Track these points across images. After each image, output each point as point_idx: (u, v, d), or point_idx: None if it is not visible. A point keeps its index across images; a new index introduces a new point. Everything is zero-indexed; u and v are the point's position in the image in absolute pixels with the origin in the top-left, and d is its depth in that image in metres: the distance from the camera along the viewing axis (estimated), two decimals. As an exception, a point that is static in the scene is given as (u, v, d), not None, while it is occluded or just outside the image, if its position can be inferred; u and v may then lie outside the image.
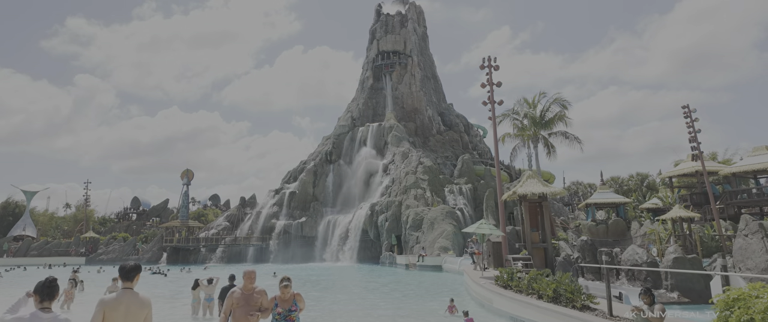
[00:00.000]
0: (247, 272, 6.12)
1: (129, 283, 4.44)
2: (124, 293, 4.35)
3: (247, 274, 6.11)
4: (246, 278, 6.07)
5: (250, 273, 6.12)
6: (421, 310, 15.22)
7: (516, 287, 12.47)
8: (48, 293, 4.00)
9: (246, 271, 6.13)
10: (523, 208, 16.36)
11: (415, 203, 50.20)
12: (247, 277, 6.08)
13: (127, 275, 4.46)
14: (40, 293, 3.99)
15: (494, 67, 22.55)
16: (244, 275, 6.09)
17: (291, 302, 6.09)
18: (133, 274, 4.49)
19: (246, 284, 6.02)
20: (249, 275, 6.09)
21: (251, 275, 6.10)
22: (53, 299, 4.04)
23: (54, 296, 4.05)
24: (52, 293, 4.03)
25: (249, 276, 6.09)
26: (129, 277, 4.46)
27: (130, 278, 4.46)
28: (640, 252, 16.80)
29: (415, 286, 23.21)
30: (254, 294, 5.96)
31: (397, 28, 78.13)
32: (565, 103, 23.95)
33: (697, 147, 33.87)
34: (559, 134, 24.65)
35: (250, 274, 6.12)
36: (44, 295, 3.99)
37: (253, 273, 6.14)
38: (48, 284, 4.04)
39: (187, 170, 63.72)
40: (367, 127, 70.11)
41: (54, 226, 78.14)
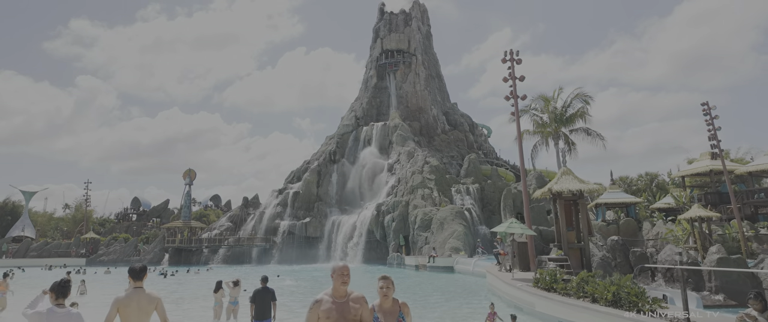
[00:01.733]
0: (339, 269, 4.25)
1: (139, 282, 5.00)
2: (135, 291, 4.89)
3: (340, 271, 4.24)
4: (338, 278, 4.23)
5: (342, 270, 4.25)
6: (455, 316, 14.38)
7: (562, 289, 11.65)
8: (62, 292, 4.63)
9: (337, 267, 4.28)
10: (558, 206, 15.59)
11: (422, 202, 49.37)
12: (339, 276, 4.23)
13: (137, 275, 5.01)
14: (55, 291, 4.61)
15: (516, 60, 21.75)
16: (335, 273, 4.27)
17: (396, 314, 4.39)
18: (142, 274, 5.04)
19: (337, 288, 4.21)
20: (341, 274, 4.24)
21: (345, 273, 4.26)
22: (66, 296, 4.67)
23: (67, 294, 4.68)
24: (65, 292, 4.66)
25: (341, 274, 4.23)
26: (139, 277, 5.01)
27: (140, 277, 5.01)
28: (679, 252, 16.02)
29: (434, 288, 22.39)
30: (350, 303, 4.18)
31: (401, 26, 77.33)
32: (587, 98, 23.21)
33: (717, 145, 33.11)
34: (580, 131, 23.88)
35: (342, 271, 4.24)
36: (59, 293, 4.62)
37: (346, 269, 4.28)
38: (62, 284, 4.68)
39: (189, 170, 62.74)
40: (371, 126, 69.27)
41: (53, 226, 77.02)
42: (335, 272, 4.28)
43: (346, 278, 4.25)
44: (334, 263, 4.40)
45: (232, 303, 12.00)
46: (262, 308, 9.34)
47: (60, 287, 4.65)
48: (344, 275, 4.25)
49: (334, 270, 4.30)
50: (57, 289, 4.63)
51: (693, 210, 32.20)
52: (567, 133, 24.41)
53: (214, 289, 12.30)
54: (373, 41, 79.65)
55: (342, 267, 4.29)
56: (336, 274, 4.26)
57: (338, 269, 4.29)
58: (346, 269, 4.30)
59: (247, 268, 50.74)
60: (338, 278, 4.23)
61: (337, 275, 4.25)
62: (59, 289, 4.64)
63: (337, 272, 4.26)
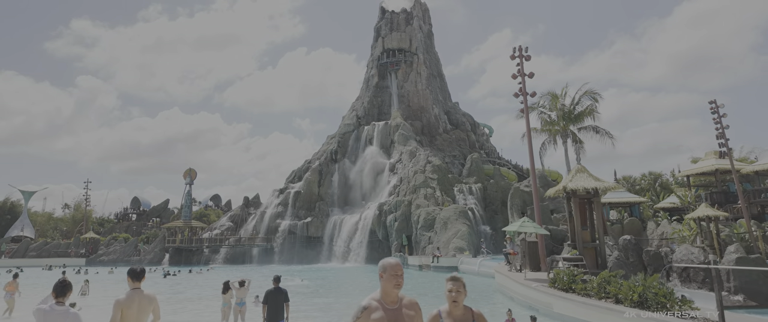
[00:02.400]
0: (391, 268, 3.46)
1: (138, 283, 5.25)
2: (135, 292, 5.13)
3: (392, 271, 3.45)
4: (390, 279, 3.44)
5: (395, 269, 3.46)
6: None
7: (582, 290, 11.29)
8: (60, 291, 4.88)
9: (388, 265, 3.47)
10: (573, 204, 15.24)
11: (425, 202, 49.02)
12: (391, 277, 3.45)
13: (137, 276, 5.27)
14: (55, 290, 4.90)
15: (526, 57, 21.39)
16: (387, 273, 3.46)
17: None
18: (142, 275, 5.30)
19: (389, 291, 3.44)
20: (395, 274, 3.46)
21: (398, 273, 3.47)
22: (65, 295, 4.90)
23: (66, 294, 4.92)
24: (64, 291, 4.91)
25: (394, 275, 3.45)
26: (139, 278, 5.26)
27: (139, 278, 5.26)
28: (695, 251, 15.70)
29: (443, 289, 22.03)
30: (404, 309, 3.45)
31: (402, 25, 76.94)
32: (596, 95, 22.82)
33: (725, 144, 32.68)
34: (589, 129, 23.50)
35: (395, 270, 3.46)
36: (58, 292, 4.88)
37: (399, 269, 3.49)
38: (61, 284, 4.94)
39: (189, 170, 62.31)
40: (372, 125, 68.90)
41: (52, 226, 76.53)
42: (387, 271, 3.45)
43: (401, 279, 3.45)
44: (384, 261, 3.54)
45: (239, 304, 11.64)
46: (274, 309, 8.98)
47: (59, 287, 4.92)
48: (398, 276, 3.44)
49: (384, 269, 3.47)
50: (57, 288, 4.91)
51: (700, 209, 31.84)
52: (575, 131, 24.02)
53: (223, 290, 11.94)
54: (375, 40, 79.24)
55: (394, 266, 3.47)
56: (387, 274, 3.43)
57: (390, 268, 3.44)
58: (400, 269, 3.48)
59: (248, 268, 50.35)
60: (390, 280, 3.41)
61: (389, 275, 3.42)
62: (59, 288, 4.90)
63: (390, 272, 3.43)
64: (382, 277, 3.48)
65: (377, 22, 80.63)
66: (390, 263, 3.51)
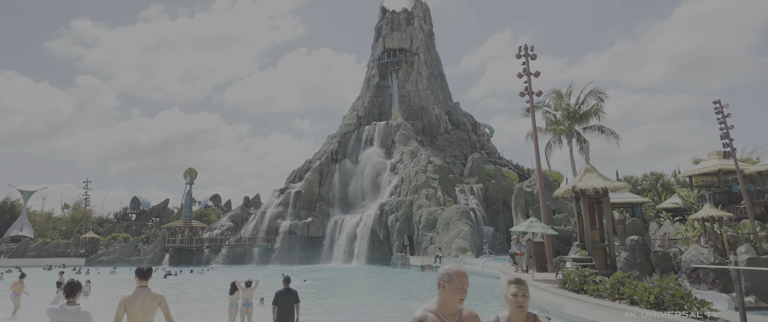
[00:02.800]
0: (456, 277, 2.94)
1: (144, 281, 5.43)
2: (140, 290, 5.34)
3: (457, 280, 2.93)
4: (454, 291, 2.93)
5: (460, 279, 2.95)
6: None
7: (594, 291, 11.13)
8: (70, 291, 5.04)
9: (452, 273, 2.96)
10: (582, 204, 15.07)
11: (427, 202, 48.85)
12: (456, 289, 2.93)
13: (144, 275, 5.47)
14: (65, 290, 5.06)
15: (531, 55, 21.23)
16: (451, 282, 2.94)
17: None
18: (148, 274, 5.52)
19: (449, 303, 2.94)
20: (460, 286, 2.94)
21: (463, 285, 2.96)
22: (75, 295, 5.04)
23: (76, 294, 5.06)
24: (74, 291, 5.05)
25: (460, 286, 2.94)
26: (145, 277, 5.46)
27: (146, 277, 5.46)
28: (705, 252, 15.55)
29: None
30: (464, 318, 3.01)
31: (403, 25, 76.78)
32: (601, 95, 22.64)
33: (729, 144, 32.57)
34: (594, 129, 23.31)
35: (460, 281, 2.95)
36: (68, 292, 5.04)
37: (464, 279, 2.99)
38: (70, 284, 5.10)
39: (190, 169, 62.09)
40: (373, 125, 68.72)
41: (51, 226, 76.23)
42: (452, 282, 2.93)
43: (465, 291, 2.94)
44: (449, 269, 3.00)
45: (245, 305, 11.45)
46: (285, 310, 8.79)
47: (68, 287, 5.07)
48: (463, 291, 2.93)
49: (449, 279, 2.95)
50: (67, 288, 5.07)
51: (705, 210, 31.68)
52: (580, 131, 23.85)
53: (230, 291, 11.74)
54: (375, 40, 79.06)
55: (461, 277, 2.96)
56: (452, 286, 2.92)
57: (455, 277, 2.93)
58: (467, 281, 2.98)
59: (249, 268, 50.14)
60: (455, 292, 2.91)
61: (455, 288, 2.91)
62: (69, 288, 5.06)
63: (455, 285, 2.92)
64: (444, 287, 2.96)
65: (378, 21, 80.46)
66: (456, 273, 2.97)
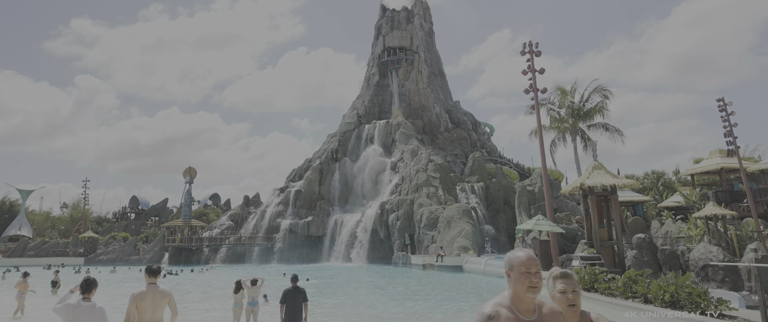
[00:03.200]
0: (524, 264, 2.49)
1: (154, 279, 5.78)
2: (150, 287, 5.66)
3: (522, 264, 2.50)
4: (519, 280, 2.47)
5: (526, 263, 2.50)
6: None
7: (605, 289, 10.95)
8: (86, 288, 5.28)
9: (517, 259, 2.54)
10: (590, 202, 14.88)
11: (428, 201, 48.67)
12: (520, 276, 2.49)
13: (153, 273, 5.83)
14: (81, 287, 5.32)
15: (536, 52, 21.04)
16: (513, 268, 2.53)
17: None
18: (158, 273, 5.88)
19: (523, 296, 2.46)
20: (526, 269, 2.49)
21: (530, 269, 2.49)
22: (91, 292, 5.28)
23: (92, 290, 5.30)
24: (89, 288, 5.30)
25: (526, 271, 2.49)
26: (155, 274, 5.81)
27: (155, 275, 5.82)
28: (714, 250, 15.39)
29: (455, 291, 21.61)
30: (545, 316, 2.51)
31: (403, 23, 76.55)
32: (606, 92, 22.42)
33: (733, 142, 32.50)
34: (598, 126, 23.14)
35: (526, 264, 2.50)
36: (84, 289, 5.29)
37: (533, 263, 2.51)
38: (86, 281, 5.36)
39: (189, 168, 61.83)
40: (373, 124, 68.51)
41: (50, 225, 75.92)
42: (514, 268, 2.49)
43: (536, 278, 2.45)
44: (512, 255, 2.57)
45: (251, 304, 11.25)
46: (293, 310, 8.60)
47: (84, 284, 5.34)
48: (531, 275, 2.44)
49: (511, 265, 2.52)
50: (83, 285, 5.35)
51: (708, 208, 31.55)
52: (585, 128, 23.67)
53: (234, 289, 11.54)
54: (375, 38, 78.83)
55: (526, 260, 2.48)
56: (516, 272, 2.47)
57: (520, 263, 2.48)
58: (536, 263, 2.49)
59: (249, 267, 49.92)
60: (521, 280, 2.44)
61: (518, 273, 2.46)
62: (85, 285, 5.33)
63: (518, 269, 2.47)
64: (511, 276, 2.52)
65: (378, 20, 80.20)
66: (519, 258, 2.51)
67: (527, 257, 2.50)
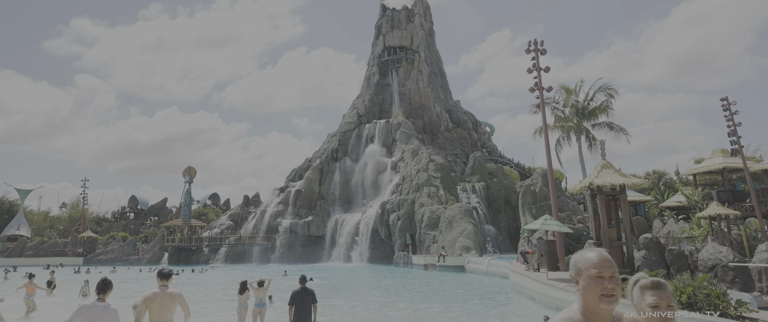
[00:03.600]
0: (593, 263, 2.07)
1: (165, 281, 6.01)
2: (161, 288, 5.90)
3: (593, 265, 2.07)
4: (590, 288, 2.06)
5: (599, 265, 2.06)
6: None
7: (617, 290, 10.76)
8: (102, 288, 5.48)
9: (585, 261, 2.11)
10: (599, 201, 14.71)
11: (429, 201, 48.48)
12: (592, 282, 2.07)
13: (165, 276, 6.09)
14: (97, 288, 5.50)
15: (541, 50, 20.86)
16: (581, 272, 2.11)
17: None
18: (169, 276, 6.12)
19: (592, 306, 2.07)
20: (598, 272, 2.05)
21: (603, 272, 2.05)
22: (106, 293, 5.48)
23: (107, 291, 5.50)
24: (105, 288, 5.50)
25: (598, 275, 2.05)
26: (166, 277, 6.07)
27: (167, 278, 6.07)
28: (724, 250, 15.24)
29: (462, 291, 21.39)
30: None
31: (403, 23, 76.33)
32: (611, 91, 22.27)
33: (737, 141, 32.34)
34: (603, 125, 22.96)
35: (599, 265, 2.06)
36: (99, 289, 5.49)
37: (606, 266, 2.07)
38: (102, 282, 5.56)
39: (189, 168, 61.54)
40: (374, 123, 68.29)
41: (49, 225, 75.56)
42: (580, 269, 2.09)
43: (612, 284, 2.02)
44: (579, 256, 2.14)
45: (258, 305, 11.03)
46: (302, 311, 8.39)
47: (100, 285, 5.56)
48: (603, 279, 2.02)
49: (578, 269, 2.10)
50: (99, 286, 5.56)
51: (712, 208, 31.41)
52: (589, 127, 23.50)
53: (239, 290, 11.33)
54: (375, 38, 78.59)
55: (598, 262, 2.06)
56: (589, 278, 2.05)
57: (593, 265, 2.06)
58: (607, 263, 2.06)
59: (249, 267, 49.70)
60: (591, 284, 2.03)
61: (593, 278, 2.04)
62: (99, 286, 5.54)
63: (593, 273, 2.04)
64: (578, 282, 2.10)
65: (378, 19, 79.96)
66: (588, 259, 2.08)
67: (599, 258, 2.06)
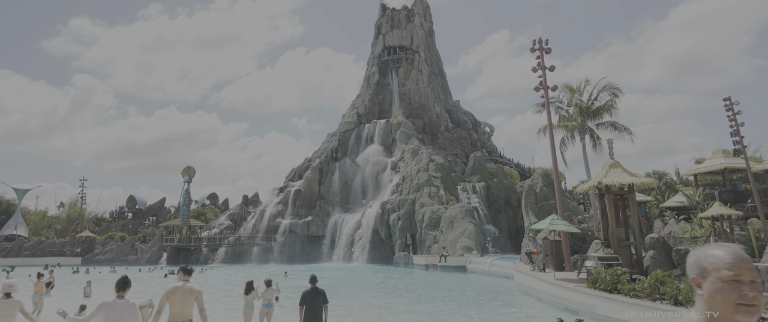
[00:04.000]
0: (714, 261, 1.65)
1: (187, 277, 6.39)
2: (182, 283, 6.25)
3: (715, 265, 1.63)
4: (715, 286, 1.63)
5: (736, 265, 1.61)
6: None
7: (629, 290, 10.61)
8: (122, 286, 5.76)
9: (708, 256, 1.69)
10: (607, 201, 14.57)
11: (429, 201, 48.33)
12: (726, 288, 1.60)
13: (188, 272, 6.48)
14: (117, 286, 5.75)
15: (545, 49, 20.71)
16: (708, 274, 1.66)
17: None
18: (190, 272, 6.49)
19: (717, 308, 1.61)
20: (736, 275, 1.59)
21: (738, 267, 1.60)
22: (125, 290, 5.76)
23: (126, 288, 5.77)
24: (124, 286, 5.77)
25: (735, 278, 1.59)
26: (189, 273, 6.47)
27: (189, 274, 6.47)
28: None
29: (470, 291, 21.19)
30: None
31: (403, 22, 76.16)
32: (615, 90, 22.12)
33: (739, 141, 32.26)
34: (607, 125, 22.84)
35: (724, 263, 1.62)
36: (119, 287, 5.75)
37: (738, 262, 1.62)
38: (122, 280, 5.84)
39: (188, 167, 61.26)
40: (374, 123, 68.09)
41: (46, 225, 75.13)
42: (720, 272, 1.64)
43: (758, 294, 1.61)
44: (704, 252, 1.70)
45: (266, 306, 10.84)
46: (312, 312, 8.21)
47: (120, 283, 5.82)
48: (748, 287, 1.60)
49: (712, 267, 1.66)
50: (118, 284, 5.81)
51: (714, 208, 31.30)
52: (593, 127, 23.38)
53: (245, 290, 11.13)
54: (375, 37, 78.39)
55: (735, 260, 1.64)
56: (721, 281, 1.63)
57: (727, 265, 1.63)
58: (750, 268, 1.64)
59: (248, 267, 49.47)
60: (729, 293, 1.60)
61: (726, 282, 1.62)
62: (121, 284, 5.81)
63: (727, 276, 1.63)
64: (699, 286, 1.69)
65: (378, 19, 79.77)
66: (719, 258, 1.66)
67: (734, 257, 1.62)
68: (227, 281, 30.55)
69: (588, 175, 23.50)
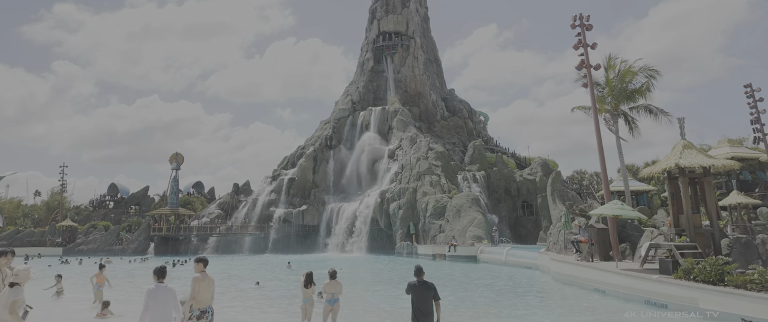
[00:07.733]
0: None
1: (204, 267, 7.32)
2: (202, 274, 7.21)
3: None
4: None
5: None
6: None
7: (743, 282, 9.43)
8: (162, 274, 6.56)
9: None
10: (682, 185, 13.42)
11: (431, 189, 47.08)
12: None
13: (205, 262, 7.40)
14: (157, 274, 6.55)
15: (587, 26, 19.45)
16: None
17: None
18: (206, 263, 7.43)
19: None
20: None
21: None
22: (164, 277, 6.57)
23: (164, 275, 6.59)
24: (163, 274, 6.59)
25: None
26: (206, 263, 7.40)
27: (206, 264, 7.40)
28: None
29: (502, 283, 19.90)
30: None
31: (398, 7, 74.23)
32: (652, 72, 21.06)
33: (760, 129, 31.87)
34: (641, 108, 21.82)
35: None
36: (160, 275, 6.55)
37: None
38: (162, 269, 6.63)
39: (176, 154, 58.77)
40: (369, 111, 66.33)
41: (22, 214, 71.51)
42: None
43: None
44: None
45: (330, 302, 9.34)
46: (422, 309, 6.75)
47: (160, 270, 6.54)
48: None
49: None
50: (157, 271, 6.52)
51: (732, 197, 30.83)
52: (627, 110, 22.32)
53: (304, 283, 9.60)
54: (369, 23, 76.33)
55: None
56: None
57: None
58: None
59: (241, 257, 47.66)
60: None
61: None
62: (161, 272, 6.52)
63: None
64: None
65: (372, 3, 77.60)
66: None
67: None
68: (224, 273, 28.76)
69: (621, 161, 22.41)
